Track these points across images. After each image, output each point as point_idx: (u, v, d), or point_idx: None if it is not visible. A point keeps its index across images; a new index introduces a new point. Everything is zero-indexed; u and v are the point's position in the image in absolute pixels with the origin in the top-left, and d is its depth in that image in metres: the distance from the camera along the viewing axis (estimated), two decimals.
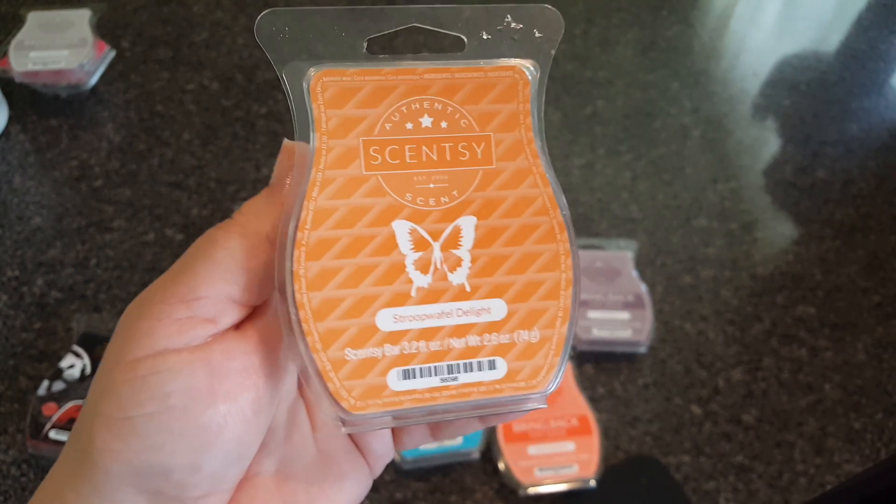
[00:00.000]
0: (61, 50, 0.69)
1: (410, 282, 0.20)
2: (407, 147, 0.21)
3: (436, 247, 0.21)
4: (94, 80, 0.71)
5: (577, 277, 0.21)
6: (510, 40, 0.22)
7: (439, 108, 0.21)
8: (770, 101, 0.78)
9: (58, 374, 0.50)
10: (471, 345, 0.20)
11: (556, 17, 0.22)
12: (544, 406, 0.21)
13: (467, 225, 0.21)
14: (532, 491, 0.48)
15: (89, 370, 0.50)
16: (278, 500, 0.21)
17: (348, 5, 0.21)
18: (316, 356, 0.19)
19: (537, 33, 0.22)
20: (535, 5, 0.22)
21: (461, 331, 0.20)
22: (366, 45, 0.21)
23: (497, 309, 0.21)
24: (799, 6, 0.92)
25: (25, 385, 0.51)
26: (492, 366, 0.21)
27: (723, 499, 0.50)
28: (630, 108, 0.75)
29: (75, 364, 0.50)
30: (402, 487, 0.49)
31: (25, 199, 0.62)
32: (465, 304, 0.21)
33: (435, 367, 0.20)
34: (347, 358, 0.20)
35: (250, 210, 0.20)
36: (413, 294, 0.20)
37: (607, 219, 0.65)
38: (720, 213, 0.66)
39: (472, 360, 0.20)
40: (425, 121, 0.21)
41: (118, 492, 0.18)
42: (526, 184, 0.21)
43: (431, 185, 0.21)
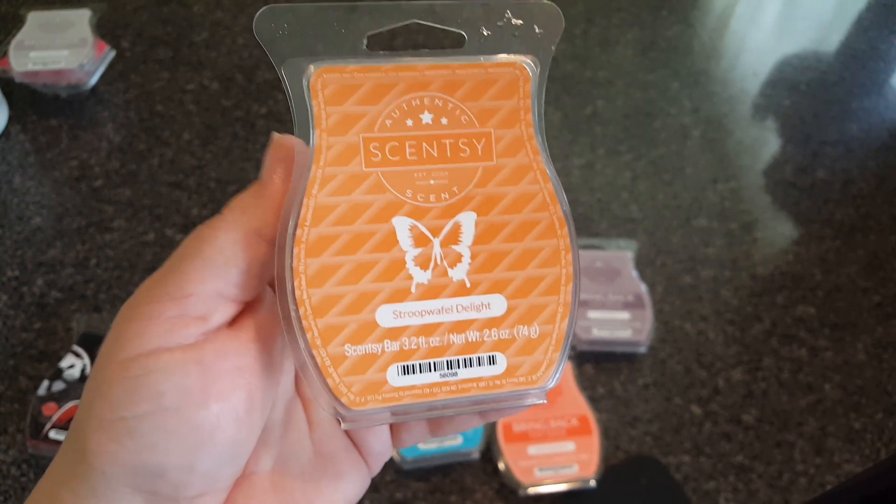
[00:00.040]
0: (61, 50, 0.69)
1: (410, 278, 0.20)
2: (407, 143, 0.21)
3: (436, 243, 0.21)
4: (94, 80, 0.71)
5: (577, 273, 0.21)
6: (510, 36, 0.22)
7: (440, 104, 0.21)
8: (770, 101, 0.78)
9: (58, 374, 0.50)
10: (470, 340, 0.20)
11: (556, 12, 0.22)
12: (544, 401, 0.21)
13: (467, 221, 0.21)
14: (532, 491, 0.48)
15: (89, 370, 0.50)
16: (275, 499, 0.21)
17: (348, 1, 0.21)
18: (315, 352, 0.19)
19: (537, 29, 0.22)
20: (536, 1, 0.22)
21: (461, 326, 0.20)
22: (366, 41, 0.21)
23: (497, 305, 0.21)
24: (799, 6, 0.92)
25: (25, 385, 0.51)
26: (491, 361, 0.21)
27: (723, 499, 0.50)
28: (630, 108, 0.75)
29: (75, 364, 0.50)
30: (402, 487, 0.48)
31: (25, 199, 0.62)
32: (465, 300, 0.21)
33: (434, 362, 0.20)
34: (347, 354, 0.20)
35: (238, 206, 0.19)
36: (413, 290, 0.20)
37: (607, 219, 0.65)
38: (720, 213, 0.66)
39: (471, 355, 0.20)
40: (426, 117, 0.21)
41: (114, 492, 0.18)
42: (526, 180, 0.21)
43: (432, 182, 0.21)
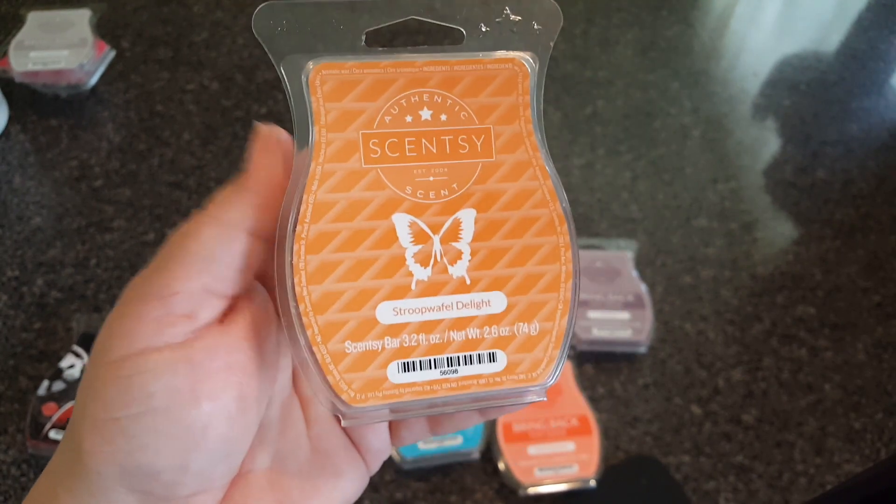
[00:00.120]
0: (61, 50, 0.69)
1: (410, 275, 0.20)
2: (406, 140, 0.21)
3: (436, 240, 0.21)
4: (94, 80, 0.71)
5: (576, 270, 0.21)
6: (509, 32, 0.22)
7: (439, 100, 0.21)
8: (770, 101, 0.78)
9: (58, 374, 0.50)
10: (471, 337, 0.20)
11: (555, 9, 0.22)
12: (544, 399, 0.21)
13: (467, 218, 0.21)
14: (532, 491, 0.48)
15: None
16: (272, 497, 0.21)
17: None
18: (316, 349, 0.19)
19: (536, 25, 0.22)
20: None
21: (461, 323, 0.20)
22: (364, 38, 0.21)
23: (497, 301, 0.21)
24: (799, 6, 0.92)
25: (25, 385, 0.51)
26: (492, 358, 0.21)
27: (723, 499, 0.50)
28: (630, 108, 0.75)
29: (75, 364, 0.50)
30: (402, 487, 0.49)
31: (25, 199, 0.62)
32: (465, 297, 0.21)
33: (435, 359, 0.20)
34: (347, 351, 0.20)
35: (221, 200, 0.19)
36: (413, 287, 0.20)
37: (607, 219, 0.65)
38: (720, 213, 0.66)
39: (471, 352, 0.20)
40: (425, 113, 0.21)
41: (110, 491, 0.18)
42: (526, 176, 0.21)
43: (431, 178, 0.21)
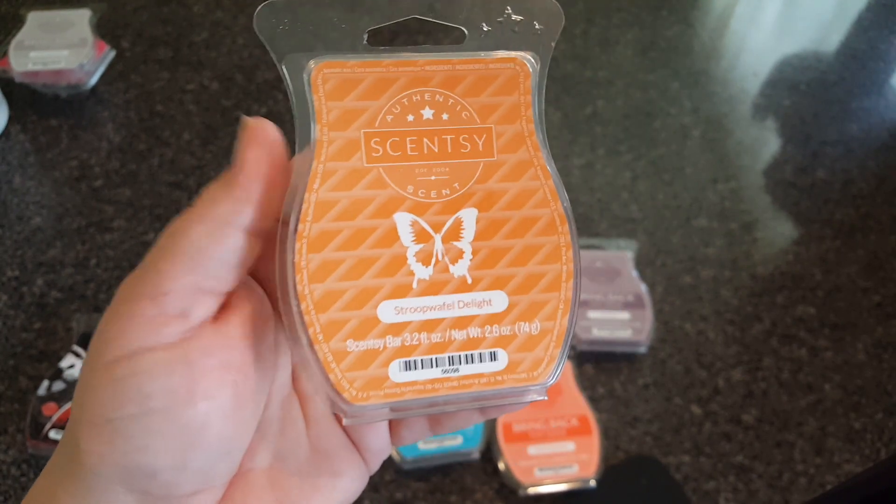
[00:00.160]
0: (61, 50, 0.69)
1: (412, 274, 0.20)
2: (408, 139, 0.21)
3: (437, 239, 0.21)
4: (94, 80, 0.71)
5: (577, 269, 0.21)
6: (511, 32, 0.22)
7: (440, 99, 0.21)
8: (770, 101, 0.78)
9: (58, 374, 0.50)
10: (472, 336, 0.20)
11: (557, 9, 0.22)
12: (544, 398, 0.21)
13: (468, 217, 0.21)
14: (532, 491, 0.48)
15: None
16: (272, 496, 0.21)
17: None
18: (317, 347, 0.19)
19: (537, 25, 0.22)
20: None
21: (462, 322, 0.20)
22: (366, 37, 0.21)
23: (498, 301, 0.21)
24: (799, 6, 0.92)
25: (25, 385, 0.51)
26: (493, 357, 0.21)
27: (723, 499, 0.50)
28: (630, 108, 0.75)
29: (75, 364, 0.50)
30: (402, 487, 0.49)
31: (25, 199, 0.62)
32: (467, 296, 0.21)
33: (436, 358, 0.20)
34: (349, 349, 0.20)
35: (208, 196, 0.19)
36: (414, 286, 0.20)
37: (607, 219, 0.65)
38: (720, 213, 0.66)
39: (473, 351, 0.20)
40: (426, 113, 0.21)
41: (108, 492, 0.18)
42: (527, 176, 0.21)
43: (433, 178, 0.21)
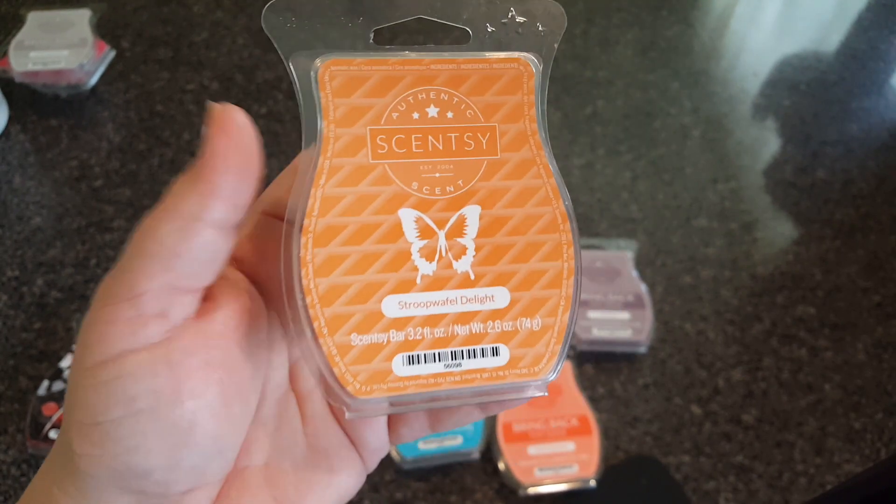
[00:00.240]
0: (61, 50, 0.69)
1: (416, 269, 0.20)
2: (413, 136, 0.21)
3: (441, 235, 0.21)
4: (94, 80, 0.71)
5: (578, 267, 0.22)
6: (514, 33, 0.22)
7: (445, 98, 0.21)
8: (770, 101, 0.78)
9: (58, 374, 0.50)
10: (474, 332, 0.21)
11: (559, 11, 0.22)
12: (545, 394, 0.21)
13: (472, 214, 0.21)
14: (532, 491, 0.48)
15: None
16: (268, 494, 0.21)
17: None
18: (322, 341, 0.19)
19: (540, 27, 0.22)
20: (539, 0, 0.22)
21: (465, 318, 0.21)
22: (372, 36, 0.21)
23: (500, 297, 0.21)
24: (799, 6, 0.92)
25: (25, 385, 0.51)
26: (495, 352, 0.21)
27: (723, 499, 0.50)
28: (630, 108, 0.75)
29: None
30: (402, 487, 0.49)
31: (25, 199, 0.62)
32: (470, 292, 0.21)
33: (439, 353, 0.20)
34: (353, 343, 0.20)
35: (176, 191, 0.18)
36: (418, 281, 0.20)
37: (607, 219, 0.65)
38: (720, 213, 0.66)
39: (475, 346, 0.21)
40: (431, 111, 0.21)
41: (104, 492, 0.18)
42: (530, 174, 0.22)
43: (437, 175, 0.21)
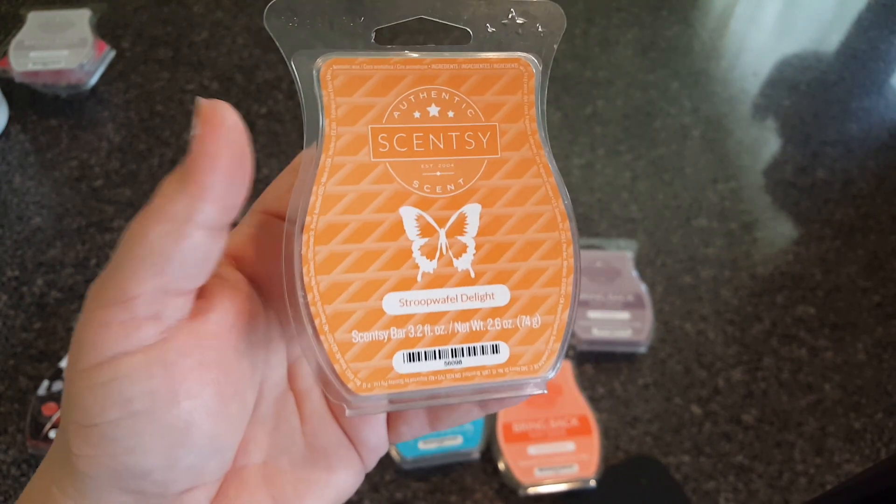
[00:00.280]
0: (61, 50, 0.69)
1: (417, 267, 0.21)
2: (414, 135, 0.21)
3: (441, 233, 0.21)
4: (94, 80, 0.71)
5: (577, 265, 0.22)
6: (514, 34, 0.22)
7: (446, 97, 0.21)
8: (770, 101, 0.78)
9: (58, 374, 0.50)
10: (474, 329, 0.21)
11: (559, 12, 0.22)
12: (544, 391, 0.22)
13: (472, 212, 0.21)
14: (532, 491, 0.48)
15: None
16: (266, 492, 0.21)
17: None
18: (323, 338, 0.20)
19: (540, 28, 0.22)
20: (538, 1, 0.22)
21: (465, 315, 0.21)
22: (373, 35, 0.21)
23: (500, 295, 0.21)
24: (799, 6, 0.92)
25: (25, 385, 0.51)
26: (495, 350, 0.21)
27: (723, 499, 0.50)
28: (630, 108, 0.75)
29: None
30: (402, 487, 0.49)
31: (25, 199, 0.62)
32: (470, 290, 0.21)
33: (439, 350, 0.20)
34: (354, 340, 0.20)
35: (164, 192, 0.18)
36: (419, 279, 0.21)
37: (607, 219, 0.65)
38: (720, 213, 0.66)
39: (475, 344, 0.21)
40: (432, 110, 0.21)
41: (103, 492, 0.18)
42: (530, 173, 0.22)
43: (438, 173, 0.21)
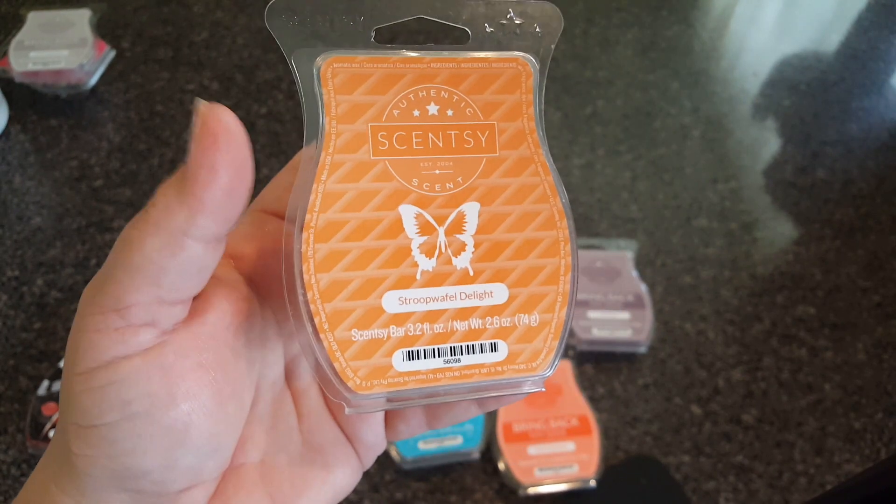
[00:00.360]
0: (61, 50, 0.69)
1: (416, 265, 0.21)
2: (414, 133, 0.21)
3: (440, 231, 0.21)
4: (94, 80, 0.71)
5: (575, 264, 0.22)
6: (512, 34, 0.22)
7: (445, 96, 0.22)
8: (770, 101, 0.78)
9: (58, 374, 0.50)
10: (473, 327, 0.21)
11: (556, 13, 0.23)
12: (542, 389, 0.22)
13: (471, 211, 0.21)
14: (532, 491, 0.48)
15: None
16: (263, 490, 0.21)
17: None
18: (323, 336, 0.20)
19: (538, 28, 0.22)
20: (536, 1, 0.22)
21: (464, 314, 0.21)
22: (373, 34, 0.21)
23: (499, 293, 0.21)
24: (799, 6, 0.92)
25: (25, 385, 0.51)
26: (493, 348, 0.21)
27: (723, 499, 0.50)
28: (630, 108, 0.75)
29: None
30: (402, 487, 0.49)
31: (25, 199, 0.62)
32: (469, 288, 0.21)
33: (438, 348, 0.20)
34: (354, 339, 0.20)
35: (161, 202, 0.18)
36: (418, 277, 0.21)
37: (607, 219, 0.65)
38: (720, 213, 0.66)
39: (474, 342, 0.21)
40: (432, 108, 0.21)
41: (100, 491, 0.18)
42: (528, 172, 0.22)
43: (437, 172, 0.21)
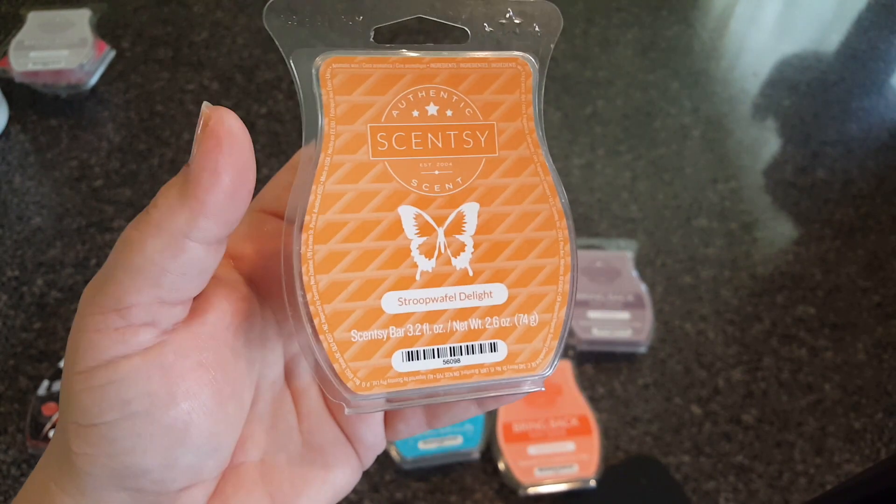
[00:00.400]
0: (61, 50, 0.69)
1: (415, 266, 0.21)
2: (413, 134, 0.21)
3: (440, 232, 0.21)
4: (94, 80, 0.71)
5: (574, 264, 0.22)
6: (511, 34, 0.22)
7: (445, 96, 0.22)
8: (770, 101, 0.78)
9: (58, 374, 0.50)
10: (473, 328, 0.21)
11: (556, 12, 0.23)
12: (541, 389, 0.22)
13: (470, 211, 0.21)
14: (532, 491, 0.48)
15: None
16: (263, 490, 0.21)
17: None
18: (322, 337, 0.20)
19: (537, 28, 0.22)
20: (536, 1, 0.22)
21: (464, 314, 0.21)
22: (372, 34, 0.21)
23: (498, 293, 0.21)
24: (799, 6, 0.92)
25: (25, 385, 0.51)
26: (493, 348, 0.21)
27: (723, 499, 0.50)
28: (630, 108, 0.75)
29: None
30: (402, 487, 0.49)
31: (25, 199, 0.62)
32: (468, 288, 0.21)
33: (438, 349, 0.21)
34: (353, 339, 0.20)
35: (163, 204, 0.18)
36: (418, 278, 0.21)
37: (607, 219, 0.65)
38: (720, 213, 0.66)
39: (474, 342, 0.21)
40: (431, 109, 0.21)
41: (100, 490, 0.18)
42: (527, 172, 0.22)
43: (436, 172, 0.21)
